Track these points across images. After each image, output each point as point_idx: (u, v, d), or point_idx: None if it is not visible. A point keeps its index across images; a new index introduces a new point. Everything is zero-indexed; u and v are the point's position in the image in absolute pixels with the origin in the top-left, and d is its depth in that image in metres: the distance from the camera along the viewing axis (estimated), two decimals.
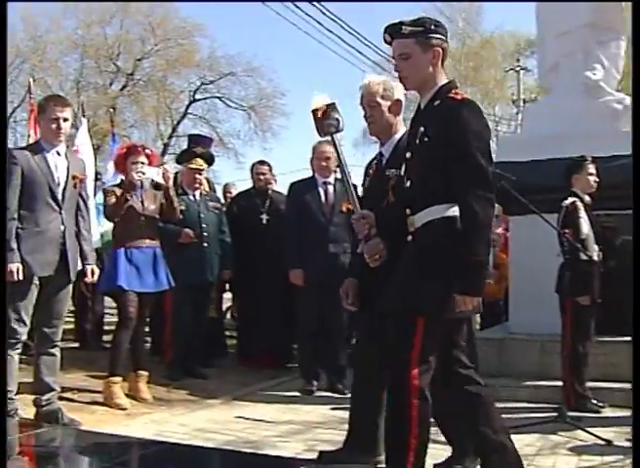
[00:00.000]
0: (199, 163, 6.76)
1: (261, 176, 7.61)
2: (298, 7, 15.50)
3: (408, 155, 3.33)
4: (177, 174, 7.35)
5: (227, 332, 8.42)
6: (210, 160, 7.04)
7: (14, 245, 4.40)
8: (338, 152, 3.64)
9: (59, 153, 4.69)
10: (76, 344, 8.04)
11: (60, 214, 4.61)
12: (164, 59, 25.78)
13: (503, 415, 3.27)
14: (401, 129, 3.96)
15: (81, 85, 25.22)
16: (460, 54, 28.80)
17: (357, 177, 6.32)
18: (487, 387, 3.31)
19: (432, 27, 3.26)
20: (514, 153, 6.62)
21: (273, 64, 48.65)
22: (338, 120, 3.56)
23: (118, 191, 5.54)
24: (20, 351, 4.56)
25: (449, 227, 3.09)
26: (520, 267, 6.89)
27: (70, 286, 4.81)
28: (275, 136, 27.44)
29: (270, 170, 7.77)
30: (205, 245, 6.70)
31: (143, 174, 5.59)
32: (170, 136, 26.63)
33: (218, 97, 27.56)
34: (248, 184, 8.04)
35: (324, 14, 16.74)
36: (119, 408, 5.29)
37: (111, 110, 19.88)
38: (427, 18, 3.38)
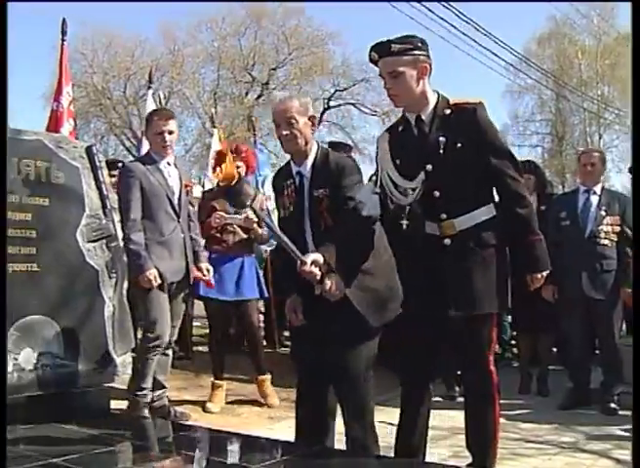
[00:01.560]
0: None
1: None
2: (429, 9, 15.20)
3: (429, 167, 3.28)
4: None
5: None
6: None
7: (144, 253, 4.39)
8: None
9: (169, 163, 4.68)
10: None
11: (179, 222, 4.62)
12: (298, 68, 26.07)
13: None
14: (314, 146, 3.72)
15: (218, 95, 25.79)
16: (596, 51, 27.86)
17: None
18: None
19: (419, 44, 3.30)
20: None
21: None
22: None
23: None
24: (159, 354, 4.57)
25: (495, 225, 3.29)
26: None
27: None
28: None
29: None
30: None
31: (224, 219, 5.41)
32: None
33: (352, 104, 27.66)
34: None
35: (457, 16, 16.37)
36: (206, 411, 5.35)
37: (253, 118, 20.14)
38: (412, 35, 3.38)
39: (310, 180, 3.61)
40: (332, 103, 27.43)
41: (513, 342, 7.89)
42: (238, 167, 5.58)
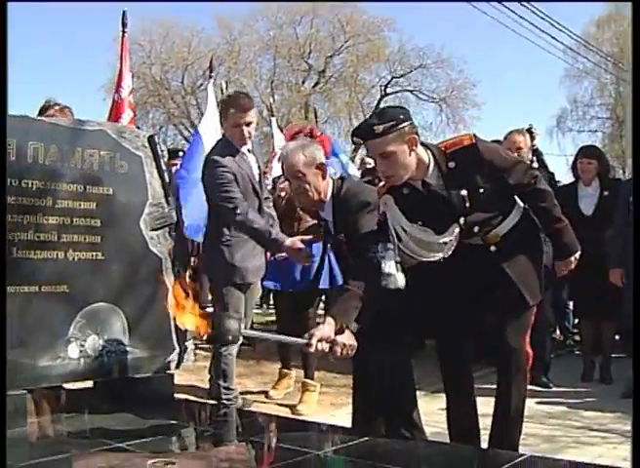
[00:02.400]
0: None
1: None
2: None
3: (462, 221, 3.34)
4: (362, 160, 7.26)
5: None
6: None
7: (270, 227, 4.45)
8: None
9: (249, 150, 4.65)
10: None
11: (264, 215, 4.61)
12: (354, 55, 26.00)
13: None
14: (329, 190, 3.77)
15: (274, 84, 25.84)
16: None
17: (553, 166, 6.00)
18: None
19: (401, 117, 3.23)
20: None
21: (463, 55, 47.85)
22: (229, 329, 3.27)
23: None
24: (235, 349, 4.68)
25: (528, 223, 3.47)
26: None
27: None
28: (468, 127, 27.03)
29: None
30: None
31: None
32: None
33: (409, 91, 27.51)
34: None
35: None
36: (269, 398, 5.51)
37: (315, 106, 20.15)
38: (389, 107, 3.46)
39: (333, 224, 3.80)
40: (389, 90, 27.34)
41: (576, 330, 7.81)
42: None
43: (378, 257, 3.34)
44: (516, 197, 3.49)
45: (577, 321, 7.55)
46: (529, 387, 5.70)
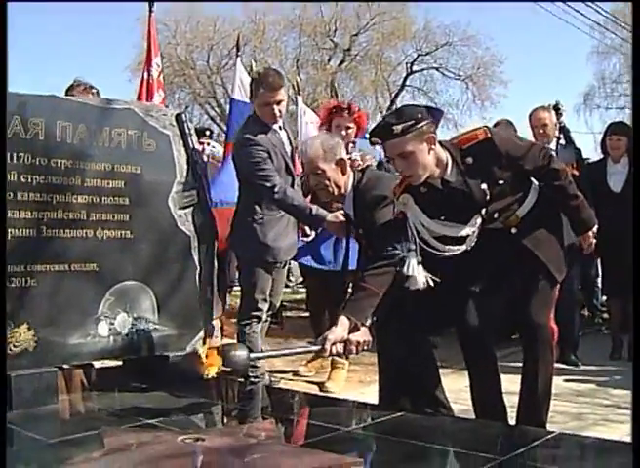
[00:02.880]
0: None
1: None
2: None
3: (483, 211, 3.36)
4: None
5: None
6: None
7: (313, 205, 4.37)
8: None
9: (280, 127, 4.63)
10: None
11: (293, 188, 4.58)
12: (380, 33, 25.80)
13: None
14: (349, 184, 3.77)
15: (300, 63, 25.75)
16: None
17: (580, 143, 5.96)
18: None
19: (419, 116, 3.19)
20: None
21: (489, 32, 47.39)
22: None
23: None
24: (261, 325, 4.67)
25: (545, 201, 3.47)
26: None
27: None
28: (494, 104, 26.76)
29: None
30: None
31: None
32: (388, 109, 26.56)
33: (435, 68, 27.28)
34: None
35: None
36: (297, 375, 5.58)
37: (335, 85, 20.08)
38: (407, 106, 3.42)
39: (354, 218, 3.82)
40: (414, 68, 27.12)
41: (604, 308, 7.77)
42: (349, 127, 5.42)
43: (397, 259, 3.35)
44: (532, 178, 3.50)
45: (605, 299, 7.50)
46: (557, 365, 5.69)
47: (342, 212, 4.13)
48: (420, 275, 3.32)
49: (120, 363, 4.43)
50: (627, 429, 4.04)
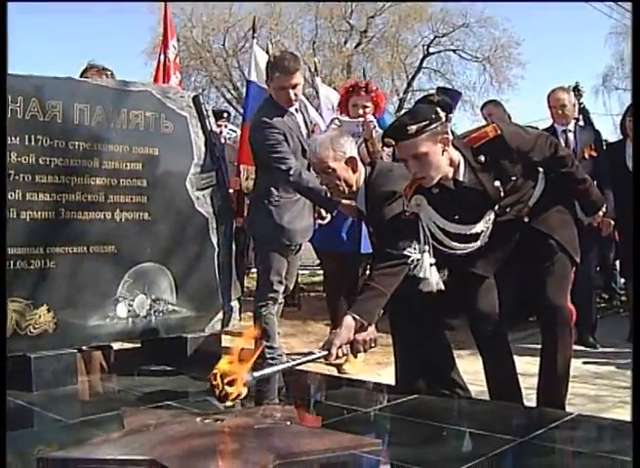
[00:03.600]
0: None
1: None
2: None
3: (496, 207, 3.36)
4: None
5: None
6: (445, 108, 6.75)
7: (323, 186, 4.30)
8: None
9: (296, 110, 4.62)
10: None
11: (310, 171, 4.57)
12: (396, 15, 25.60)
13: None
14: (361, 180, 3.76)
15: (316, 45, 25.62)
16: None
17: (598, 125, 5.89)
18: None
19: (434, 116, 3.16)
20: None
21: (507, 13, 46.90)
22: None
23: None
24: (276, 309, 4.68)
25: (553, 186, 3.46)
26: None
27: None
28: (512, 86, 26.49)
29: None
30: None
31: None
32: (405, 92, 26.47)
33: (452, 50, 27.08)
34: None
35: None
36: None
37: (362, 66, 19.95)
38: (421, 106, 3.33)
39: (365, 215, 3.82)
40: (431, 50, 26.92)
41: (622, 291, 7.74)
42: (366, 106, 5.40)
43: (409, 260, 3.34)
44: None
45: (623, 281, 7.47)
46: (575, 347, 5.69)
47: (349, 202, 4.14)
48: (433, 277, 3.33)
49: (138, 345, 4.46)
50: None
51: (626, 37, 29.27)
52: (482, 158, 3.28)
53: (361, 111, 5.32)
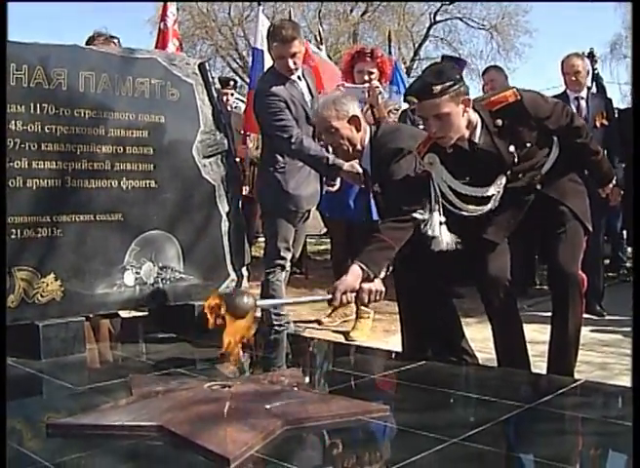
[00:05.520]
0: None
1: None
2: None
3: (509, 173, 3.36)
4: None
5: None
6: None
7: (331, 155, 4.29)
8: None
9: (299, 77, 4.60)
10: None
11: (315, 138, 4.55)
12: None
13: None
14: (366, 140, 3.73)
15: (322, 13, 25.43)
16: None
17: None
18: None
19: (457, 77, 3.16)
20: None
21: None
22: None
23: None
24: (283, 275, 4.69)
25: (566, 154, 3.46)
26: None
27: None
28: (519, 55, 26.28)
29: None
30: None
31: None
32: (412, 60, 26.31)
33: (458, 18, 26.87)
34: None
35: None
36: (321, 324, 5.61)
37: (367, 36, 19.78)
38: (445, 65, 3.38)
39: (371, 177, 3.79)
40: (438, 18, 26.69)
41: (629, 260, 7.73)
42: (371, 73, 5.34)
43: (417, 216, 3.34)
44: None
45: (630, 250, 7.47)
46: (584, 315, 5.73)
47: (353, 163, 4.11)
48: (443, 236, 3.31)
49: (146, 312, 4.47)
50: None
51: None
52: (499, 122, 3.28)
53: (366, 77, 5.27)
